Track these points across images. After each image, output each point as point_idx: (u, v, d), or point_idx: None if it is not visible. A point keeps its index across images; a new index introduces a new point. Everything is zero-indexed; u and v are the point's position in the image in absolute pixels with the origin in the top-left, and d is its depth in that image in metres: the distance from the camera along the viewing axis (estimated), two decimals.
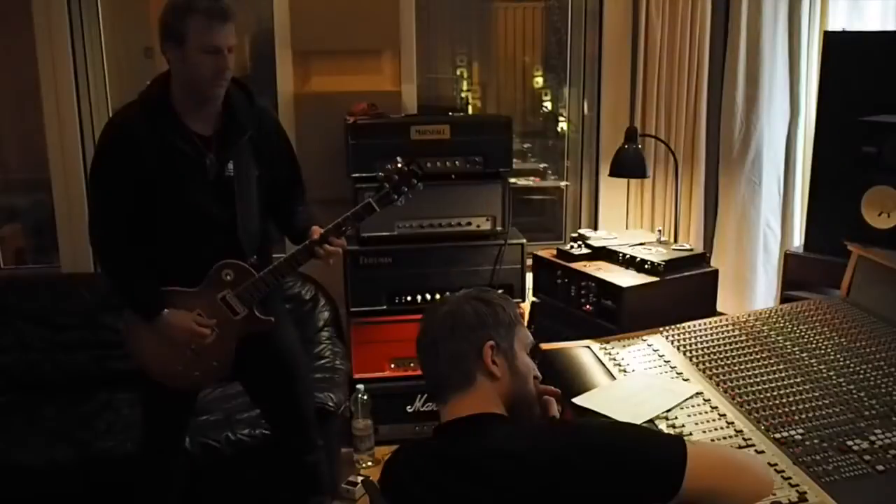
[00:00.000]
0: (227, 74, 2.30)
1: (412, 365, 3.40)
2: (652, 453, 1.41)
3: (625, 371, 2.23)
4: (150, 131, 2.29)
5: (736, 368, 2.14)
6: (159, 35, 2.28)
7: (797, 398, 1.97)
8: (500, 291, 3.45)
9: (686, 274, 3.08)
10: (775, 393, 2.00)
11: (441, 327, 1.55)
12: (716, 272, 3.20)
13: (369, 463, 3.41)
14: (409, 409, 3.51)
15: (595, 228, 3.82)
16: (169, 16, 2.25)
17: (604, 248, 3.26)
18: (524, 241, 3.51)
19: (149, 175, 2.30)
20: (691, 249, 3.23)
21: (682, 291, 3.04)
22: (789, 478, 1.67)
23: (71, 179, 3.60)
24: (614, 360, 2.30)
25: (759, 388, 2.03)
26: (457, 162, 3.38)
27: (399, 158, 2.47)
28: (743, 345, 2.26)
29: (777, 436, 1.82)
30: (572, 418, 2.02)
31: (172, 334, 2.39)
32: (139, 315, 2.41)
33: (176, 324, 2.38)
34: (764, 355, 2.19)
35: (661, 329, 2.42)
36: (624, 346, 2.37)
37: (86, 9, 3.55)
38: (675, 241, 3.48)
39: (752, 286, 3.80)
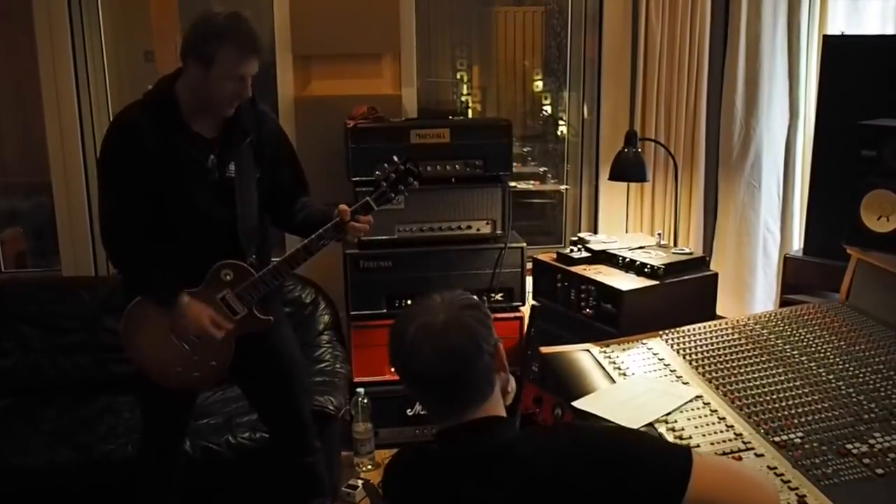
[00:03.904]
0: (243, 97, 2.34)
1: None
2: (656, 460, 1.40)
3: (624, 375, 2.23)
4: (154, 129, 2.30)
5: (735, 372, 2.14)
6: (185, 46, 2.29)
7: (797, 402, 1.97)
8: (500, 295, 3.50)
9: (686, 277, 3.08)
10: (775, 396, 2.00)
11: (463, 350, 1.42)
12: (715, 275, 3.20)
13: (369, 466, 3.41)
14: (409, 412, 3.51)
15: (595, 232, 3.83)
16: (199, 37, 2.26)
17: (603, 251, 3.26)
18: (524, 244, 3.51)
19: (152, 172, 2.31)
20: (691, 253, 3.23)
21: (681, 295, 3.04)
22: (789, 481, 1.67)
23: (72, 183, 3.61)
24: (614, 363, 2.30)
25: (759, 391, 2.03)
26: (457, 165, 3.39)
27: (396, 158, 2.48)
28: (742, 348, 2.27)
29: (776, 439, 1.83)
30: (572, 421, 2.03)
31: (185, 324, 2.37)
32: (157, 301, 2.39)
33: (192, 315, 2.37)
34: (763, 359, 2.19)
35: (660, 332, 2.42)
36: (624, 350, 2.38)
37: (86, 13, 3.56)
38: (675, 244, 3.48)
39: (752, 289, 3.80)
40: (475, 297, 1.54)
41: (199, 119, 2.36)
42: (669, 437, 1.88)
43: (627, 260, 3.14)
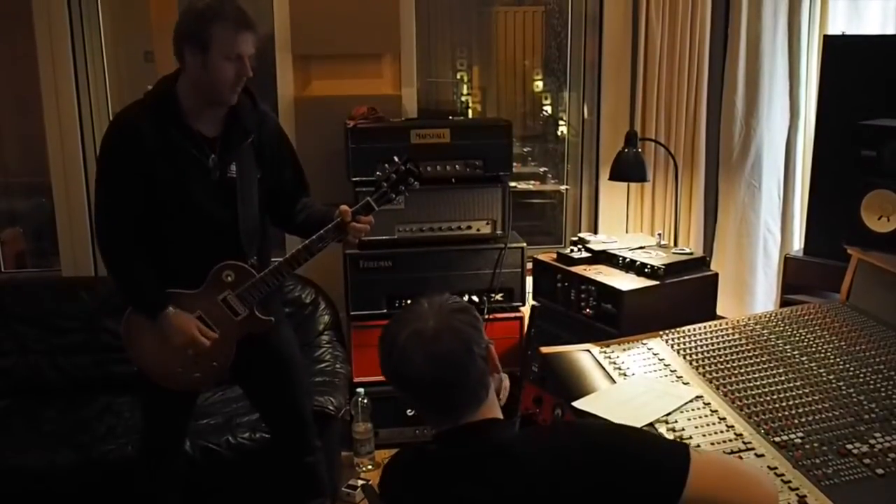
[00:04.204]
0: (244, 80, 2.33)
1: None
2: (654, 458, 1.41)
3: (625, 375, 2.23)
4: (154, 128, 2.30)
5: (736, 372, 2.14)
6: (178, 38, 2.28)
7: (797, 402, 1.97)
8: (500, 296, 3.50)
9: (686, 277, 3.08)
10: (775, 396, 2.00)
11: (456, 355, 1.42)
12: (716, 276, 3.20)
13: (369, 466, 3.41)
14: (409, 412, 3.50)
15: (595, 232, 3.83)
16: (193, 22, 2.25)
17: (604, 251, 3.26)
18: (524, 244, 3.51)
19: (151, 172, 2.31)
20: (691, 253, 3.23)
21: (681, 295, 3.04)
22: (789, 481, 1.67)
23: (71, 183, 3.61)
24: (614, 363, 2.30)
25: (759, 391, 2.03)
26: (457, 166, 3.39)
27: (396, 158, 2.48)
28: (743, 348, 2.27)
29: (777, 439, 1.82)
30: (571, 420, 2.02)
31: (172, 335, 2.39)
32: (143, 313, 2.41)
33: (178, 325, 2.38)
34: (764, 359, 2.19)
35: (660, 333, 2.42)
36: (624, 350, 2.37)
37: (86, 13, 3.56)
38: (675, 244, 3.48)
39: (752, 290, 3.80)
40: (463, 299, 1.53)
41: (200, 118, 2.35)
42: (669, 438, 1.88)
43: (627, 260, 3.14)
